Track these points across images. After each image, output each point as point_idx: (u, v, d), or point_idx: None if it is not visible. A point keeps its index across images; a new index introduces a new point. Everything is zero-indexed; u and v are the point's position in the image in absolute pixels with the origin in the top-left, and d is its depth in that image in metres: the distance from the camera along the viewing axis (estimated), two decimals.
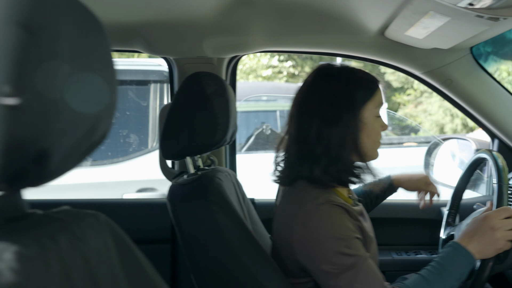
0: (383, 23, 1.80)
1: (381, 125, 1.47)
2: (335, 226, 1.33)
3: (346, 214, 1.38)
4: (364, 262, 1.30)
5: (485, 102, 2.07)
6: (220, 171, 1.71)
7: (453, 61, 2.02)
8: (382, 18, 1.75)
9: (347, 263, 1.29)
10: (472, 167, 1.84)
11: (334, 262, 1.29)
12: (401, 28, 1.76)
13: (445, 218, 1.91)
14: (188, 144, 1.59)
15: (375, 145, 1.46)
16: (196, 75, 1.63)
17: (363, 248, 1.34)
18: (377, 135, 1.46)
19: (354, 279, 1.28)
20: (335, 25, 1.89)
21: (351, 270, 1.28)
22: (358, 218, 1.43)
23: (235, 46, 2.01)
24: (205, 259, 1.51)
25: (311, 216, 1.34)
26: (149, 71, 3.38)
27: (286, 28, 1.94)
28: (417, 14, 1.57)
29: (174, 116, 1.61)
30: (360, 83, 1.43)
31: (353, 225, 1.37)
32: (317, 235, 1.33)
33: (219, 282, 1.50)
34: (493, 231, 1.34)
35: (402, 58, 2.04)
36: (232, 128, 1.69)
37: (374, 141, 1.46)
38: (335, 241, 1.31)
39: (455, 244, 1.36)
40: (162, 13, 1.77)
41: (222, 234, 1.47)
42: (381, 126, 1.47)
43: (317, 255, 1.33)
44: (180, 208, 1.53)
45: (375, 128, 1.45)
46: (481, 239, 1.35)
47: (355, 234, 1.34)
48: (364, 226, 1.45)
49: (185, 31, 1.88)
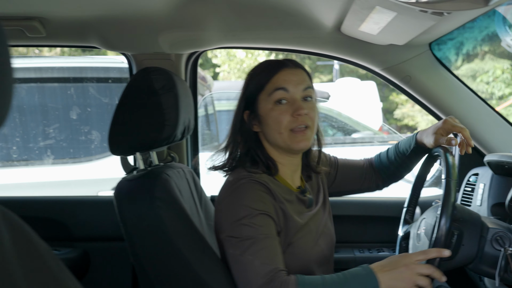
0: (336, 19, 1.79)
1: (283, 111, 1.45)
2: (247, 197, 1.38)
3: (267, 192, 1.42)
4: (265, 239, 1.33)
5: (445, 98, 2.07)
6: (172, 168, 1.70)
7: (411, 57, 2.01)
8: (334, 14, 1.74)
9: (246, 233, 1.33)
10: (427, 164, 1.82)
11: (235, 230, 1.35)
12: (354, 24, 1.75)
13: (403, 216, 1.90)
14: (136, 140, 1.58)
15: (283, 134, 1.46)
16: (145, 70, 1.61)
17: (270, 227, 1.37)
18: (278, 124, 1.45)
19: (248, 250, 1.32)
20: (292, 21, 1.88)
21: (248, 241, 1.33)
22: (283, 201, 1.45)
23: (191, 41, 2.00)
24: (148, 255, 1.49)
25: (228, 189, 1.44)
26: (110, 68, 3.39)
27: (242, 24, 1.93)
28: (365, 9, 1.57)
29: (122, 111, 1.59)
30: (251, 78, 1.51)
31: (270, 204, 1.41)
32: (227, 204, 1.41)
33: (162, 278, 1.49)
34: (405, 269, 1.31)
35: (361, 54, 2.04)
36: (183, 124, 1.67)
37: (278, 130, 1.45)
38: (241, 210, 1.36)
39: (367, 267, 1.34)
40: (115, 8, 1.76)
41: (165, 230, 1.46)
42: (284, 112, 1.45)
43: (224, 222, 1.39)
44: (125, 204, 1.52)
45: (273, 117, 1.46)
46: (392, 272, 1.31)
47: (267, 211, 1.38)
48: (289, 210, 1.46)
49: (140, 26, 1.87)
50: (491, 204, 1.96)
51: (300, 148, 1.47)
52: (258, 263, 1.31)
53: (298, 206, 1.53)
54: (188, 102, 1.76)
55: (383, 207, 2.31)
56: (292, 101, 1.46)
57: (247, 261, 1.32)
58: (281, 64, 1.50)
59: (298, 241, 1.46)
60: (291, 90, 1.46)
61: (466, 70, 13.40)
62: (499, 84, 12.65)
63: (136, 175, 1.59)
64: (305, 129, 1.46)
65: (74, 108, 3.15)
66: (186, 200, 1.66)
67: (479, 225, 1.58)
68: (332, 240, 1.63)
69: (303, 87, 1.48)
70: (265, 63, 1.53)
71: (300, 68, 1.52)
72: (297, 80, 1.48)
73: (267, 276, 1.29)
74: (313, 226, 1.54)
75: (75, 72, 3.40)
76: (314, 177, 1.68)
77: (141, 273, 1.53)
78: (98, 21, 1.85)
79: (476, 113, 2.08)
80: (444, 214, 1.43)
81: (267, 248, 1.33)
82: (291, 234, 1.45)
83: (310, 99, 1.49)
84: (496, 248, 1.54)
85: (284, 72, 1.48)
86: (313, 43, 2.03)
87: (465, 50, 13.31)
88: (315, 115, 1.50)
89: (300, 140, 1.46)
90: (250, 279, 1.31)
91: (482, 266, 1.57)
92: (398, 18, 1.54)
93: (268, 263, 1.31)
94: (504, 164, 1.88)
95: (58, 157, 3.30)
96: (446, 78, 2.07)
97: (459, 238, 1.54)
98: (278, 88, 1.45)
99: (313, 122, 1.48)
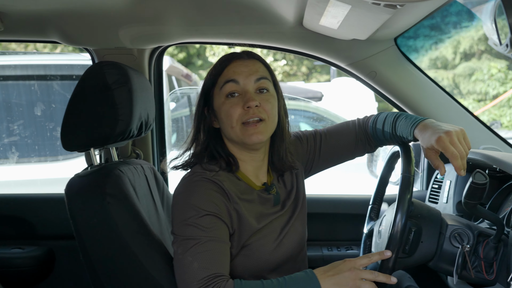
0: (297, 13, 1.77)
1: (234, 104, 1.41)
2: (196, 197, 1.35)
3: (220, 192, 1.38)
4: (209, 242, 1.31)
5: (411, 94, 2.04)
6: (129, 164, 1.67)
7: (376, 53, 1.99)
8: (293, 8, 1.72)
9: (190, 234, 1.31)
10: (390, 161, 1.80)
11: (180, 229, 1.33)
12: (314, 18, 1.73)
13: (368, 213, 1.88)
14: (89, 135, 1.55)
15: (235, 128, 1.41)
16: (98, 64, 1.58)
17: (217, 230, 1.34)
18: (229, 117, 1.41)
19: (189, 251, 1.30)
20: (253, 15, 1.85)
21: (191, 241, 1.30)
22: (238, 202, 1.41)
23: (153, 36, 1.97)
24: (98, 252, 1.47)
25: (181, 187, 1.41)
26: (75, 65, 3.36)
27: (204, 19, 1.90)
28: (321, 3, 1.54)
29: (75, 106, 1.56)
30: (208, 73, 1.48)
31: (222, 205, 1.37)
32: (177, 201, 1.38)
33: (112, 276, 1.46)
34: (349, 274, 1.29)
35: (325, 49, 2.01)
36: (139, 119, 1.64)
37: (230, 124, 1.41)
38: (189, 209, 1.33)
39: (310, 271, 1.32)
40: (73, 2, 1.73)
41: (115, 227, 1.44)
42: (235, 104, 1.41)
43: (173, 219, 1.37)
44: (75, 201, 1.49)
45: (225, 111, 1.42)
46: (335, 277, 1.29)
47: (216, 213, 1.34)
48: (244, 212, 1.41)
49: (99, 20, 1.84)
50: (457, 201, 1.94)
51: (253, 142, 1.41)
52: (197, 266, 1.28)
53: (259, 206, 1.48)
54: (147, 96, 1.73)
55: (352, 205, 2.29)
56: (243, 93, 1.41)
57: (187, 262, 1.29)
58: (233, 56, 1.45)
59: (254, 243, 1.42)
60: (241, 81, 1.41)
61: (464, 68, 13.49)
62: (494, 82, 12.72)
63: (89, 171, 1.57)
64: (257, 122, 1.40)
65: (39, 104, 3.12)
66: (142, 197, 1.63)
67: (438, 222, 1.55)
68: (302, 238, 1.58)
69: (255, 77, 1.42)
70: (221, 57, 1.49)
71: (254, 58, 1.47)
72: (248, 71, 1.43)
73: (203, 281, 1.27)
74: (277, 226, 1.49)
75: (38, 69, 3.38)
76: (287, 172, 1.61)
77: (91, 272, 1.50)
78: (57, 15, 1.83)
79: (443, 109, 2.06)
80: (399, 210, 1.40)
81: (209, 252, 1.30)
82: (245, 237, 1.41)
83: (265, 91, 1.44)
84: (454, 245, 1.52)
85: (235, 64, 1.43)
86: (277, 38, 2.01)
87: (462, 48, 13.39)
88: (271, 107, 1.43)
89: (252, 133, 1.40)
90: (186, 281, 1.29)
91: (441, 263, 1.55)
92: (354, 11, 1.52)
93: (207, 267, 1.28)
94: (468, 161, 1.86)
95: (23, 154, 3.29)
96: (412, 73, 2.05)
97: (417, 234, 1.52)
98: (228, 81, 1.42)
99: (268, 115, 1.42)
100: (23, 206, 2.31)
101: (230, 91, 1.41)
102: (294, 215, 1.56)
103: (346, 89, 8.57)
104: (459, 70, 13.58)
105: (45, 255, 2.27)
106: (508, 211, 1.61)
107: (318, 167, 1.70)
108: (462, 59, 13.70)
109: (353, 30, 1.77)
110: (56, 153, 3.26)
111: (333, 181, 2.95)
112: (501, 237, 1.45)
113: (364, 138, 1.66)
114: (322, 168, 1.72)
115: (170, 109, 4.50)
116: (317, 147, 1.67)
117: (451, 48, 13.64)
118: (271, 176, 1.57)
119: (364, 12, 1.52)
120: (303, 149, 1.66)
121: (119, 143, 1.69)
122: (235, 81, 1.41)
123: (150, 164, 1.86)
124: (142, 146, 2.17)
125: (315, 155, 1.67)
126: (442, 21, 12.79)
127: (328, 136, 1.67)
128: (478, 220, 1.77)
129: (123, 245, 1.43)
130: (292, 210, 1.57)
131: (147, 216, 1.55)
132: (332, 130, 1.68)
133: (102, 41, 1.97)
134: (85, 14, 1.80)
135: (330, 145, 1.67)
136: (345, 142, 1.66)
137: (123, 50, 1.99)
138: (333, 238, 2.29)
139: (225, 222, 1.37)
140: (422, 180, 2.36)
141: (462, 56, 13.68)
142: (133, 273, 1.44)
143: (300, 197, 1.60)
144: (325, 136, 1.67)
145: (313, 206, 2.24)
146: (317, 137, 1.67)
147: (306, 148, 1.66)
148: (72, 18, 1.84)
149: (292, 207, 1.57)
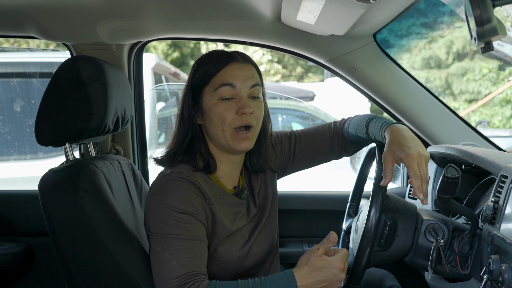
0: (274, 8, 1.76)
1: (228, 108, 1.39)
2: (173, 196, 1.35)
3: (198, 193, 1.38)
4: (188, 240, 1.31)
5: (390, 90, 2.05)
6: (104, 159, 1.66)
7: (356, 48, 1.99)
8: (270, 3, 1.71)
9: (169, 232, 1.31)
10: (367, 158, 1.80)
11: (159, 227, 1.33)
12: (291, 13, 1.72)
13: (347, 210, 1.88)
14: (63, 130, 1.53)
15: (226, 132, 1.40)
16: (73, 58, 1.57)
17: (195, 230, 1.34)
18: (221, 120, 1.39)
19: (168, 249, 1.30)
20: (231, 11, 1.85)
21: (170, 239, 1.31)
22: (214, 203, 1.41)
23: (131, 31, 1.96)
24: (71, 247, 1.45)
25: (159, 185, 1.40)
26: (55, 63, 3.33)
27: (182, 14, 1.89)
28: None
29: (49, 100, 1.55)
30: (198, 67, 1.45)
31: (200, 205, 1.37)
32: (155, 200, 1.37)
33: (84, 271, 1.45)
34: (338, 273, 1.30)
35: (304, 45, 2.01)
36: (114, 114, 1.63)
37: (221, 127, 1.40)
38: (168, 209, 1.33)
39: (290, 271, 1.30)
40: None
41: (88, 222, 1.42)
42: (229, 108, 1.39)
43: (150, 218, 1.37)
44: (48, 195, 1.48)
45: (217, 113, 1.40)
46: (317, 275, 1.29)
47: (194, 213, 1.34)
48: (219, 213, 1.41)
49: (76, 15, 1.83)
50: (435, 198, 1.94)
51: (241, 149, 1.43)
52: (176, 264, 1.29)
53: (233, 209, 1.49)
54: (123, 91, 1.71)
55: (331, 201, 2.29)
56: (238, 97, 1.40)
57: (166, 260, 1.30)
58: (230, 57, 1.43)
59: (221, 247, 1.43)
60: (238, 86, 1.40)
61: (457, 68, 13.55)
62: (486, 82, 12.78)
63: (63, 166, 1.55)
64: (248, 129, 1.41)
65: (18, 100, 3.11)
66: (117, 192, 1.62)
67: (414, 216, 1.55)
68: (273, 241, 1.58)
69: (251, 83, 1.42)
70: (213, 53, 1.46)
71: (250, 63, 1.46)
72: (246, 76, 1.41)
73: (181, 278, 1.28)
74: (245, 231, 1.50)
75: (18, 67, 3.35)
76: (260, 174, 1.61)
77: (64, 268, 1.48)
78: (33, 10, 1.81)
79: (422, 105, 2.06)
80: (374, 204, 1.40)
81: (188, 250, 1.31)
82: (218, 240, 1.42)
83: (257, 98, 1.44)
84: (429, 240, 1.52)
85: (232, 66, 1.41)
86: (255, 33, 2.00)
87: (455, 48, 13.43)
88: (261, 114, 1.45)
89: (242, 141, 1.41)
90: (165, 278, 1.29)
91: (416, 258, 1.55)
92: (329, 6, 1.52)
93: (186, 264, 1.29)
94: (446, 157, 1.86)
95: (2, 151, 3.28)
96: (391, 70, 2.05)
97: (392, 228, 1.52)
98: (224, 84, 1.40)
99: (257, 122, 1.44)
100: (1, 202, 2.29)
101: (226, 95, 1.40)
102: (264, 219, 1.56)
103: (339, 89, 8.60)
104: (452, 69, 13.63)
105: (24, 252, 2.25)
106: (484, 206, 1.61)
107: (292, 169, 1.71)
108: (455, 59, 13.75)
109: (330, 26, 1.76)
110: (36, 150, 3.25)
111: (317, 178, 2.95)
112: (475, 232, 1.45)
113: (340, 142, 1.67)
114: (296, 170, 1.73)
115: (159, 109, 4.49)
116: (292, 149, 1.67)
117: (444, 48, 13.69)
118: (243, 179, 1.58)
119: (339, 6, 1.51)
120: (277, 151, 1.67)
121: (95, 138, 1.68)
122: (232, 85, 1.40)
123: (128, 160, 1.84)
124: (122, 142, 2.16)
125: (289, 157, 1.68)
126: (435, 21, 12.86)
127: (303, 139, 1.67)
128: (456, 216, 1.77)
129: (97, 240, 1.42)
130: (262, 214, 1.57)
131: (122, 211, 1.54)
132: (307, 132, 1.68)
133: (80, 36, 1.96)
134: (62, 8, 1.79)
135: (304, 148, 1.67)
136: (320, 146, 1.67)
137: (101, 45, 1.98)
138: (314, 235, 2.29)
139: (202, 222, 1.37)
140: (402, 177, 2.36)
141: (455, 56, 13.72)
142: (106, 268, 1.43)
143: (270, 199, 1.60)
144: (300, 139, 1.67)
145: (294, 202, 2.23)
146: (292, 139, 1.67)
147: (280, 150, 1.67)
148: (49, 12, 1.83)
149: (262, 211, 1.58)
